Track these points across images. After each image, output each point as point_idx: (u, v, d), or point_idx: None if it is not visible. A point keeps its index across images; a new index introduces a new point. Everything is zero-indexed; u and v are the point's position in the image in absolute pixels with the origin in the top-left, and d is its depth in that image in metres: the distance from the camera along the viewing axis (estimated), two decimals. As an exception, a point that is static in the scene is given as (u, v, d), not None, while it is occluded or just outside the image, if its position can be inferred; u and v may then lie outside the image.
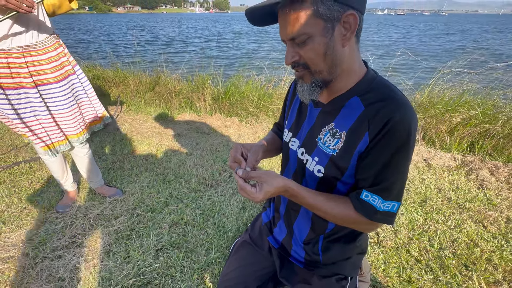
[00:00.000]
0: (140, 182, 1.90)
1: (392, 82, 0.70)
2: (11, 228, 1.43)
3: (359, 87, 0.68)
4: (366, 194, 0.65)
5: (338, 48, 0.61)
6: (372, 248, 1.37)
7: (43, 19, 1.23)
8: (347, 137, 0.67)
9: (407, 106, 0.63)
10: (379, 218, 0.65)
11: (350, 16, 0.56)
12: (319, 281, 0.87)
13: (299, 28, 0.57)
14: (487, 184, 1.97)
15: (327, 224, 0.82)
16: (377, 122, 0.62)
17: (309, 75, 0.66)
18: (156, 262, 1.26)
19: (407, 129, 0.60)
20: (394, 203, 0.64)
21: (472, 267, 1.27)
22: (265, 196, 0.67)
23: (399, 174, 0.63)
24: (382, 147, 0.62)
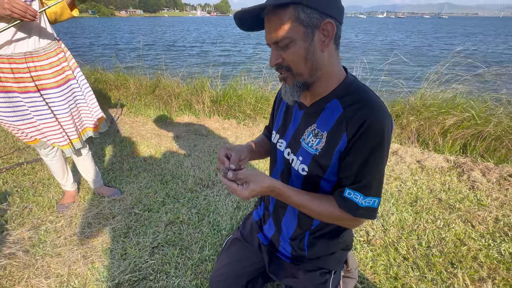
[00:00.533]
0: (138, 182, 1.95)
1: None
2: (13, 226, 1.49)
3: (338, 90, 0.73)
4: (349, 192, 0.69)
5: (318, 53, 0.66)
6: (361, 246, 1.42)
7: (44, 26, 1.30)
8: (328, 137, 0.72)
9: (381, 108, 0.68)
10: (362, 213, 0.69)
11: (328, 24, 0.62)
12: (304, 275, 0.91)
13: (282, 33, 0.63)
14: (478, 185, 2.01)
15: (312, 220, 0.87)
16: (354, 123, 0.67)
17: (291, 77, 0.71)
18: (152, 259, 1.30)
19: (381, 130, 0.65)
20: (375, 199, 0.69)
21: (458, 264, 1.31)
22: (251, 194, 0.71)
23: (376, 172, 0.68)
24: (360, 147, 0.67)
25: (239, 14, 0.69)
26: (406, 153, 2.48)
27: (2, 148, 2.40)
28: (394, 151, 2.50)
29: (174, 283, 1.18)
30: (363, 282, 1.21)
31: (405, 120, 2.66)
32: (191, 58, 8.85)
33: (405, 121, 2.66)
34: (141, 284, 1.18)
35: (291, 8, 0.60)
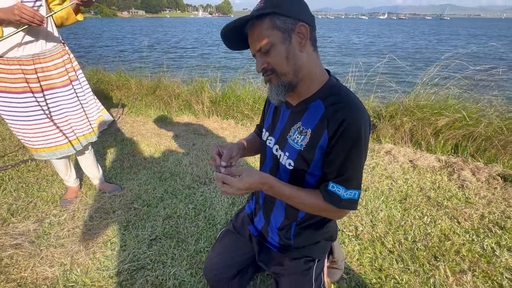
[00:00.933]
0: (138, 179, 2.03)
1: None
2: (19, 219, 1.57)
3: (322, 91, 0.80)
4: (332, 185, 0.76)
5: (297, 53, 0.74)
6: (349, 240, 1.48)
7: (51, 30, 1.38)
8: (311, 134, 0.79)
9: (359, 109, 0.75)
10: (344, 205, 0.76)
11: (301, 27, 0.71)
12: (290, 262, 0.98)
13: (263, 40, 0.71)
14: (467, 184, 2.07)
15: (298, 212, 0.94)
16: (334, 121, 0.74)
17: (276, 77, 0.78)
18: (150, 250, 1.38)
19: (358, 128, 0.73)
20: (355, 191, 0.76)
21: (441, 258, 1.37)
22: (245, 186, 0.76)
23: (356, 167, 0.75)
24: (340, 145, 0.74)
25: (225, 33, 0.76)
26: (399, 153, 2.55)
27: (7, 146, 2.48)
28: (388, 151, 2.57)
29: (170, 272, 1.25)
30: (349, 273, 1.28)
31: (398, 121, 2.72)
32: (193, 59, 8.94)
33: (398, 121, 2.72)
34: (139, 273, 1.25)
35: (267, 19, 0.69)
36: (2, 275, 1.22)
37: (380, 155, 2.51)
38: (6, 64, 1.27)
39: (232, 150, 0.98)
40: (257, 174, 0.79)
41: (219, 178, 0.77)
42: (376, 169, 2.26)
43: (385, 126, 2.77)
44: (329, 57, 10.64)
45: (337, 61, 9.92)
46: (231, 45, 0.81)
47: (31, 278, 1.21)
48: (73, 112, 1.49)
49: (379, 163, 2.37)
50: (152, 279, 1.22)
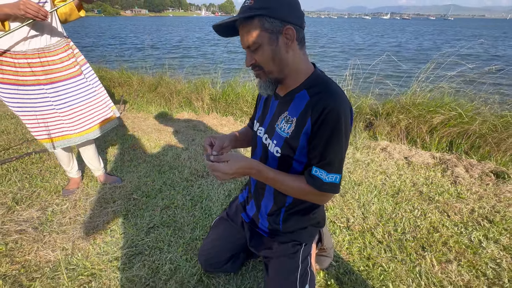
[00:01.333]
0: (138, 172, 2.09)
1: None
2: (23, 207, 1.63)
3: (307, 82, 0.86)
4: (315, 170, 0.82)
5: (283, 53, 0.79)
6: (340, 230, 1.53)
7: (55, 25, 1.44)
8: (297, 122, 0.85)
9: (340, 97, 0.81)
10: (326, 188, 0.81)
11: (289, 29, 0.75)
12: (278, 246, 1.04)
13: (251, 39, 0.77)
14: (460, 180, 2.11)
15: (285, 198, 0.99)
16: (317, 109, 0.80)
17: (264, 74, 0.85)
18: (148, 238, 1.43)
19: (338, 115, 0.78)
20: (336, 175, 0.81)
21: (428, 248, 1.42)
22: (232, 171, 0.82)
23: (337, 152, 0.80)
24: (322, 131, 0.80)
25: (217, 27, 0.82)
26: (394, 149, 2.59)
27: (12, 140, 2.56)
28: (383, 148, 2.61)
29: (167, 258, 1.31)
30: (338, 261, 1.33)
31: (395, 119, 2.76)
32: (194, 59, 8.98)
33: (395, 119, 2.76)
34: (137, 258, 1.31)
35: (256, 20, 0.74)
36: (8, 257, 1.28)
37: (376, 152, 2.55)
38: (14, 58, 1.33)
39: (224, 141, 1.04)
40: (243, 160, 0.84)
41: (209, 166, 0.83)
42: (371, 165, 2.30)
43: (382, 123, 2.81)
44: (330, 60, 10.41)
45: (341, 64, 9.89)
46: (222, 35, 0.87)
47: (35, 261, 1.28)
48: (77, 104, 1.55)
49: (374, 159, 2.41)
50: (149, 263, 1.28)
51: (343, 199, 1.82)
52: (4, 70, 1.34)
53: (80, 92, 1.57)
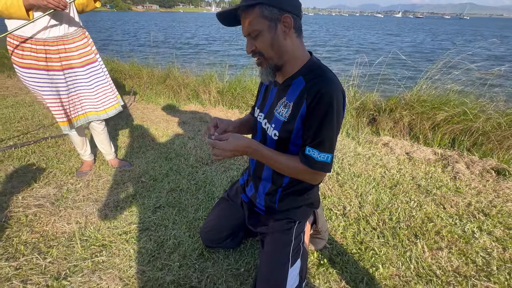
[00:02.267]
0: (146, 158, 2.20)
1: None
2: (41, 185, 1.76)
3: (303, 69, 0.92)
4: (308, 149, 0.88)
5: (281, 40, 0.86)
6: (336, 217, 1.60)
7: (73, 15, 1.54)
8: (293, 106, 0.92)
9: (334, 82, 0.87)
10: (318, 167, 0.88)
11: (286, 18, 0.82)
12: (274, 223, 1.12)
13: (252, 27, 0.84)
14: (460, 176, 2.13)
15: (283, 178, 1.06)
16: (311, 93, 0.87)
17: (265, 61, 0.92)
18: (154, 216, 1.54)
19: (331, 98, 0.85)
20: (328, 155, 0.88)
21: (421, 236, 1.47)
22: (231, 148, 0.89)
23: (328, 132, 0.86)
24: (316, 113, 0.86)
25: (220, 16, 0.90)
26: (396, 145, 2.61)
27: (29, 125, 2.71)
28: (385, 143, 2.64)
29: (171, 234, 1.40)
30: (332, 243, 1.40)
31: (398, 115, 2.79)
32: (208, 56, 9.05)
33: (398, 115, 2.78)
34: (144, 233, 1.42)
35: (257, 7, 0.80)
36: (28, 227, 1.41)
37: (378, 147, 2.59)
38: (34, 44, 1.44)
39: (228, 125, 1.12)
40: (242, 138, 0.92)
41: (210, 143, 0.90)
42: (371, 159, 2.34)
43: (385, 119, 2.84)
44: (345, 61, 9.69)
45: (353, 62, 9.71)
46: (226, 24, 0.94)
47: (52, 231, 1.39)
48: (89, 90, 1.66)
49: (376, 153, 2.45)
50: (155, 238, 1.38)
51: (342, 189, 1.88)
52: (25, 55, 1.45)
53: (96, 77, 1.68)
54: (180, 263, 1.24)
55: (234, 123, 1.17)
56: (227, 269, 1.23)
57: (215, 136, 0.93)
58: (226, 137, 0.91)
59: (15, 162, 2.02)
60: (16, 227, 1.41)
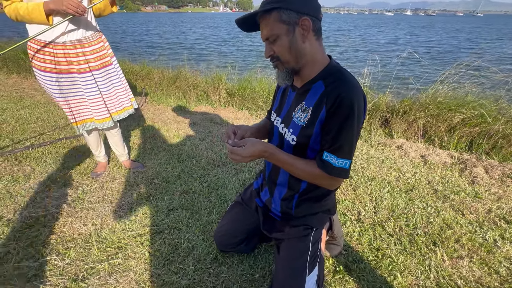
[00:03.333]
0: (158, 159, 2.22)
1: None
2: (58, 186, 1.80)
3: (323, 73, 0.91)
4: (326, 155, 0.87)
5: (300, 44, 0.85)
6: (351, 222, 1.57)
7: (90, 20, 1.56)
8: (312, 111, 0.90)
9: (355, 86, 0.85)
10: (336, 172, 0.86)
11: (305, 20, 0.81)
12: (290, 229, 1.10)
13: (270, 31, 0.84)
14: (479, 180, 2.06)
15: (300, 184, 1.05)
16: (331, 97, 0.85)
17: (281, 64, 0.90)
18: (168, 218, 1.54)
19: (351, 103, 0.83)
20: (346, 161, 0.86)
21: (440, 244, 1.42)
22: (249, 153, 0.89)
23: (347, 137, 0.84)
24: (335, 118, 0.84)
25: (239, 23, 0.89)
26: (410, 148, 2.55)
27: (45, 126, 2.78)
28: (399, 146, 2.58)
29: (185, 237, 1.41)
30: (348, 250, 1.37)
31: (412, 116, 2.72)
32: (217, 57, 9.07)
33: (412, 117, 2.72)
34: (158, 236, 1.42)
35: (274, 12, 0.80)
36: (46, 228, 1.44)
37: (391, 150, 2.53)
38: (54, 49, 1.47)
39: (246, 131, 1.12)
40: (259, 143, 0.91)
41: (229, 149, 0.91)
42: (385, 162, 2.29)
43: (398, 121, 2.77)
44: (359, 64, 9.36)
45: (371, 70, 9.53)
46: (246, 30, 0.93)
47: (69, 233, 1.42)
48: (106, 92, 1.68)
49: (389, 156, 2.40)
50: (169, 241, 1.38)
51: (355, 193, 1.85)
52: (46, 59, 1.48)
53: (111, 80, 1.70)
54: (194, 267, 1.24)
55: (252, 129, 1.16)
56: (241, 274, 1.23)
57: (233, 142, 0.93)
58: (243, 143, 0.91)
59: (33, 162, 2.07)
60: (35, 227, 1.44)
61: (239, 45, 11.92)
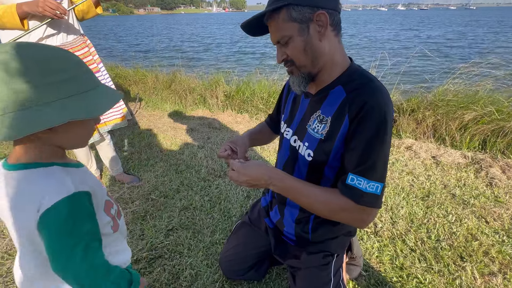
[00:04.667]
0: (155, 171, 2.07)
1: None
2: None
3: (342, 77, 0.76)
4: (352, 178, 0.69)
5: (316, 43, 0.70)
6: (368, 237, 1.43)
7: (72, 23, 1.41)
8: (331, 121, 0.76)
9: (382, 92, 0.71)
10: (366, 201, 0.68)
11: (320, 15, 0.66)
12: (307, 256, 0.96)
13: (280, 33, 0.70)
14: (496, 182, 1.94)
15: None
16: (355, 105, 0.70)
17: (296, 69, 0.76)
18: (167, 240, 1.40)
19: (382, 112, 0.67)
20: (378, 184, 0.68)
21: (468, 258, 1.29)
22: (247, 172, 0.76)
23: (379, 155, 0.68)
24: (362, 130, 0.68)
25: (245, 26, 0.76)
26: (421, 148, 2.43)
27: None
28: (408, 146, 2.46)
29: (187, 262, 1.26)
30: (368, 270, 1.24)
31: (420, 115, 2.59)
32: (214, 59, 8.90)
33: (420, 116, 2.59)
34: (157, 261, 1.28)
35: (283, 10, 0.66)
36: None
37: (400, 151, 2.41)
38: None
39: (245, 145, 0.99)
40: (264, 168, 0.76)
41: (234, 167, 0.78)
42: (396, 165, 2.17)
43: (406, 120, 2.65)
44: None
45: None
46: (252, 34, 0.80)
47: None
48: None
49: (399, 158, 2.27)
50: (169, 268, 1.24)
51: (369, 202, 1.72)
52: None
53: None
54: (199, 299, 1.10)
55: (248, 139, 1.04)
56: (252, 305, 1.09)
57: (238, 161, 0.80)
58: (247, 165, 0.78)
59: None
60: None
61: (239, 46, 11.75)
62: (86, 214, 0.51)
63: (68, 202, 0.47)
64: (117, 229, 0.61)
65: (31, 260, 0.51)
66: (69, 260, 0.47)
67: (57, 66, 0.46)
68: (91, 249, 0.50)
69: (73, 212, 0.48)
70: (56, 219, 0.46)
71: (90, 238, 0.50)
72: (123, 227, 0.66)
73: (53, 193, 0.46)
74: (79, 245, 0.48)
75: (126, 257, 0.66)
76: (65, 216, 0.46)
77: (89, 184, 0.53)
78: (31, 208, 0.46)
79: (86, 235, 0.49)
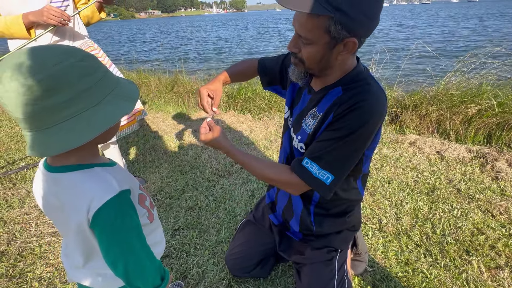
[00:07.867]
0: (160, 172, 2.09)
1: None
2: (54, 210, 1.68)
3: (345, 79, 0.78)
4: (307, 161, 0.76)
5: (332, 59, 0.71)
6: (373, 232, 1.44)
7: (77, 29, 1.44)
8: (321, 117, 0.79)
9: (376, 99, 0.73)
10: (312, 183, 0.75)
11: (350, 42, 0.66)
12: (312, 252, 0.98)
13: (308, 33, 0.66)
14: (502, 175, 1.92)
15: (312, 195, 0.93)
16: (345, 105, 0.72)
17: (302, 66, 0.77)
18: (174, 240, 1.42)
19: (366, 117, 0.70)
20: (329, 175, 0.73)
21: (474, 252, 1.29)
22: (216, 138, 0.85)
23: (341, 150, 0.72)
24: (339, 123, 0.73)
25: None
26: (425, 143, 2.42)
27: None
28: (412, 142, 2.45)
29: (194, 261, 1.28)
30: (373, 266, 1.24)
31: (424, 110, 2.58)
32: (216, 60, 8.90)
33: (423, 111, 2.58)
34: (164, 261, 1.30)
35: (325, 18, 0.62)
36: (42, 260, 1.32)
37: (404, 146, 2.40)
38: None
39: (221, 93, 1.03)
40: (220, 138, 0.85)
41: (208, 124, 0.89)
42: (399, 161, 2.16)
43: (409, 116, 2.64)
44: None
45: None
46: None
47: (67, 263, 1.30)
48: None
49: (403, 154, 2.26)
50: (177, 267, 1.26)
51: (373, 198, 1.72)
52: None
53: None
54: (206, 297, 1.12)
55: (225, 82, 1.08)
56: (259, 302, 1.10)
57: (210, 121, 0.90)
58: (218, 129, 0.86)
59: (28, 184, 1.95)
60: (30, 259, 1.33)
61: (240, 47, 11.77)
62: (132, 209, 0.55)
63: (116, 201, 0.50)
64: (152, 219, 0.65)
65: (76, 249, 0.55)
66: (124, 252, 0.51)
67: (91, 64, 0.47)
68: (143, 237, 0.54)
69: (121, 209, 0.52)
70: (107, 217, 0.50)
71: (140, 230, 0.54)
72: (157, 218, 0.70)
73: (101, 193, 0.49)
74: (133, 236, 0.52)
75: (160, 249, 0.70)
76: (115, 214, 0.50)
77: (127, 181, 0.57)
78: (81, 208, 0.49)
79: (136, 227, 0.54)
